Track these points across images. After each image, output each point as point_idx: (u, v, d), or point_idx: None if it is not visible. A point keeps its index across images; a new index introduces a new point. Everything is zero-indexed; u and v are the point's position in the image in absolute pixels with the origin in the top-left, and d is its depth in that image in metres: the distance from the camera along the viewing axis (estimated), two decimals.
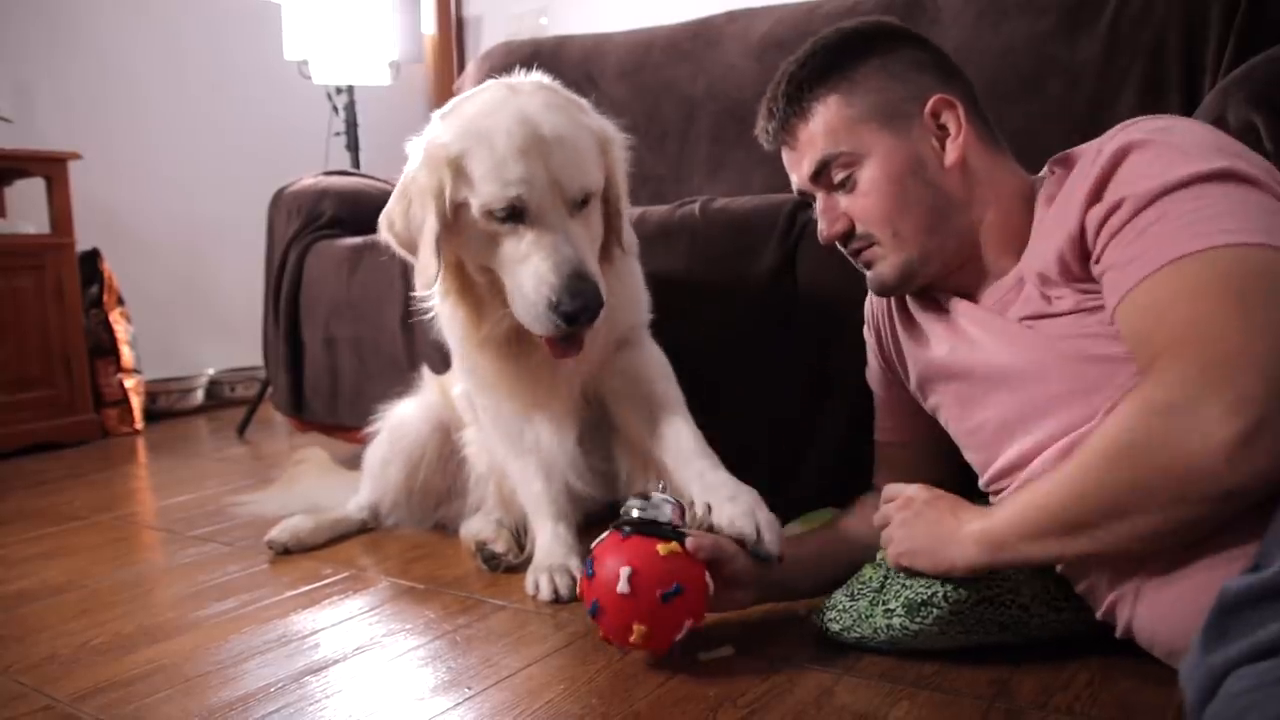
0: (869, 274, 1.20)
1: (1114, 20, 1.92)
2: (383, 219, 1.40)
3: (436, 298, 1.46)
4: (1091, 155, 1.00)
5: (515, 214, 1.26)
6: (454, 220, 1.31)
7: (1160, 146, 0.94)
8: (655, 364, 1.54)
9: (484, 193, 1.26)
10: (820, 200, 1.20)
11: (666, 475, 1.39)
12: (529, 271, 1.25)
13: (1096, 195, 0.97)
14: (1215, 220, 0.87)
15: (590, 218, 1.32)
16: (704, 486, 1.32)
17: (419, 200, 1.32)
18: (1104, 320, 0.98)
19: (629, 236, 1.44)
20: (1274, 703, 0.45)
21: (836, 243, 1.21)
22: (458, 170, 1.28)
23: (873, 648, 1.16)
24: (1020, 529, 0.97)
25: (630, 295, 1.52)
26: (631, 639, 1.12)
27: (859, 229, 1.17)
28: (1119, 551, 0.93)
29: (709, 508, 1.28)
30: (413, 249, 1.37)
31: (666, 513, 1.17)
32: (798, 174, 1.22)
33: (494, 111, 1.28)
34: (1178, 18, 1.86)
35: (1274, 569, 0.50)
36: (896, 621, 1.12)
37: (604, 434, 1.59)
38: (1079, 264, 1.01)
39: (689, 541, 1.15)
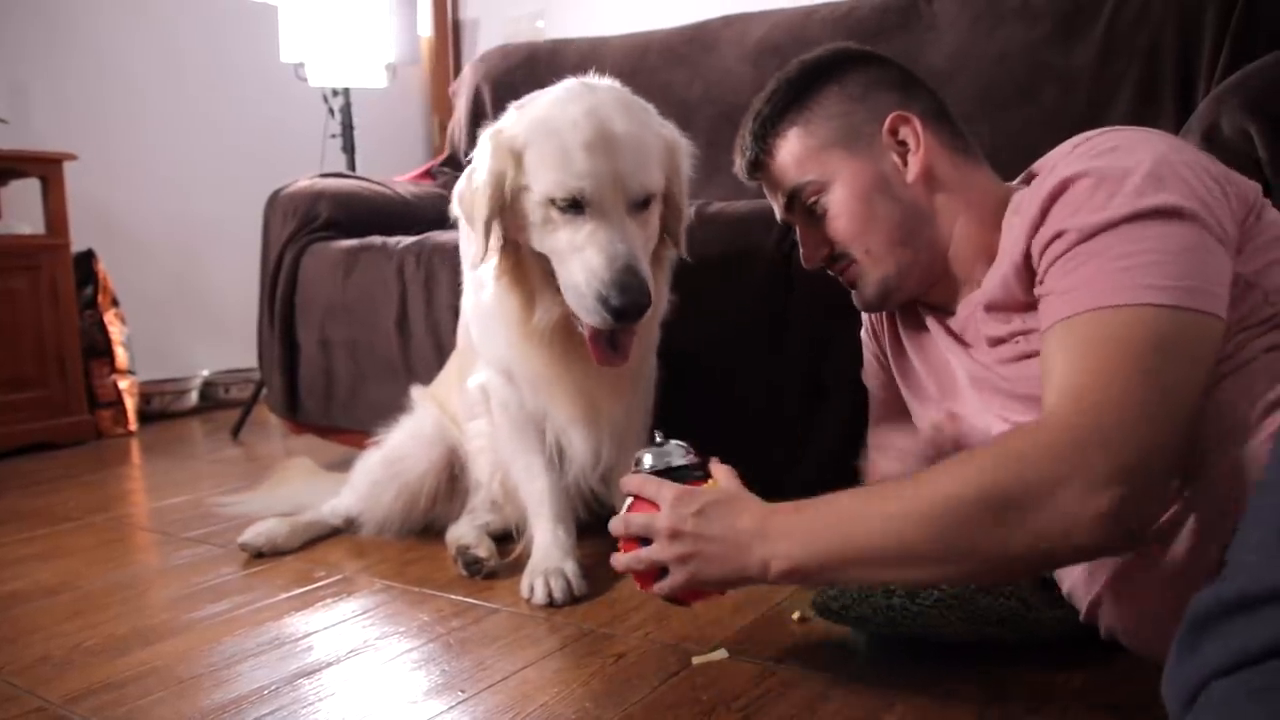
0: (854, 293, 1.23)
1: (1109, 26, 1.93)
2: (455, 193, 1.44)
3: (490, 278, 1.44)
4: (1045, 174, 1.00)
5: (575, 205, 1.27)
6: (514, 204, 1.33)
7: (1102, 176, 0.92)
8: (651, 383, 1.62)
9: (548, 181, 1.28)
10: (799, 230, 1.24)
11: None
12: (581, 262, 1.27)
13: (1040, 220, 0.96)
14: (1145, 271, 0.86)
15: (648, 220, 1.35)
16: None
17: (480, 186, 1.34)
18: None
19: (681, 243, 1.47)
20: (1248, 717, 0.46)
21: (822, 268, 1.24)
22: (521, 159, 1.31)
23: (871, 629, 1.17)
24: (844, 551, 0.95)
25: (660, 305, 1.54)
26: None
27: (837, 249, 1.19)
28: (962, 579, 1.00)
29: None
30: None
31: (680, 456, 1.14)
32: (776, 206, 1.27)
33: (565, 104, 1.31)
34: (1172, 23, 1.87)
35: (1238, 582, 0.51)
36: (897, 601, 1.13)
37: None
38: (1023, 289, 1.01)
39: (714, 468, 1.12)
